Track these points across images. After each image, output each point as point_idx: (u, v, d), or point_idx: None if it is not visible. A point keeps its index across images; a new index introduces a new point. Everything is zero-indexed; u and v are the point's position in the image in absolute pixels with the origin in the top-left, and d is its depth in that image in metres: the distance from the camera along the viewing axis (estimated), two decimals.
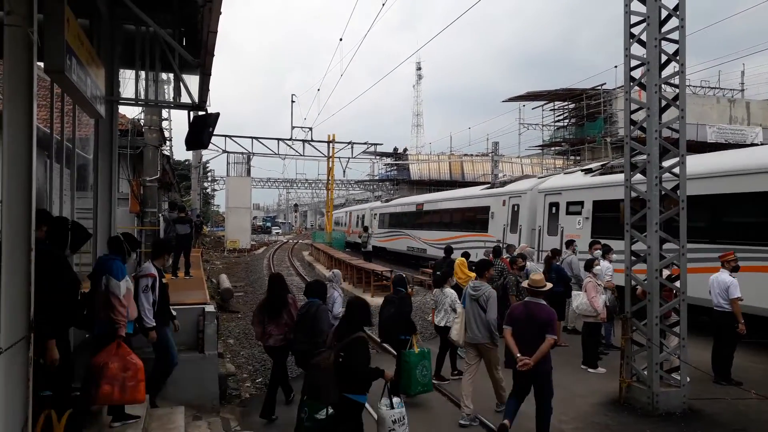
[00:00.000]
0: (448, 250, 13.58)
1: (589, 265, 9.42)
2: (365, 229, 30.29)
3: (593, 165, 17.50)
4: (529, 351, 5.74)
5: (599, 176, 14.97)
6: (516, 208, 18.40)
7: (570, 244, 12.11)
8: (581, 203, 15.00)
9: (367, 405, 5.17)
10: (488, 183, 25.56)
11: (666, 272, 7.72)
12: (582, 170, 16.72)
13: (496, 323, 6.77)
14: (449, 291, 8.31)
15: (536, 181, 18.68)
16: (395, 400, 5.20)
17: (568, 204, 15.61)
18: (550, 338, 5.73)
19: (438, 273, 9.35)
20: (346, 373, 4.77)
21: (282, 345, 7.10)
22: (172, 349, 6.70)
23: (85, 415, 5.15)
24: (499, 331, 6.70)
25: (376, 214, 36.67)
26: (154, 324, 6.28)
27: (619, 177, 13.11)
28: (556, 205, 16.14)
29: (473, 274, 8.27)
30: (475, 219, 21.45)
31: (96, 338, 5.39)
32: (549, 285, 6.16)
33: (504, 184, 21.36)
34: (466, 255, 12.71)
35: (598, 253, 10.53)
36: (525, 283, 6.33)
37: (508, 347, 5.95)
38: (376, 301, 16.76)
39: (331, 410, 4.70)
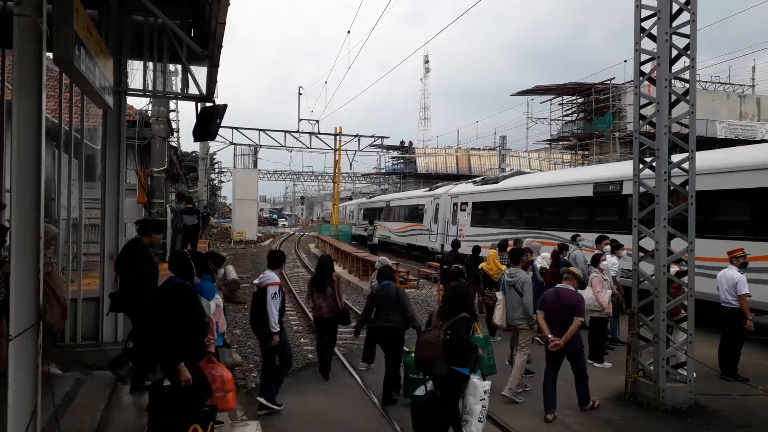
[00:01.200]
0: (456, 244, 13.59)
1: (596, 260, 9.38)
2: (371, 222, 30.54)
3: (479, 178, 28.60)
4: (559, 332, 6.53)
5: (479, 186, 23.74)
6: (437, 206, 26.42)
7: (575, 238, 12.06)
8: (467, 204, 23.34)
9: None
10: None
11: (674, 268, 7.69)
12: (472, 182, 25.82)
13: (532, 307, 7.34)
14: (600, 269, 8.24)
15: (449, 187, 27.08)
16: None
17: (461, 204, 23.89)
18: (578, 320, 6.53)
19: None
20: (454, 348, 5.35)
21: (331, 316, 8.25)
22: (290, 351, 7.43)
23: None
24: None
25: (361, 209, 43.66)
26: (278, 330, 6.72)
27: (490, 186, 22.01)
28: (456, 204, 24.38)
29: (503, 266, 9.54)
30: (416, 213, 29.86)
31: None
32: (580, 272, 7.26)
33: (433, 189, 29.85)
34: (502, 245, 12.43)
35: (607, 248, 10.43)
36: (561, 271, 7.30)
37: (540, 329, 6.86)
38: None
39: (429, 386, 5.55)
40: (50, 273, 5.73)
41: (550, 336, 6.59)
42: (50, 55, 4.87)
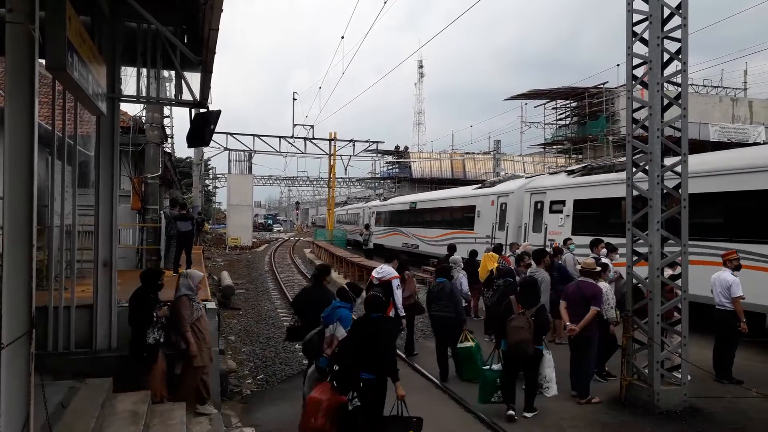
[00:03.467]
0: (452, 248, 13.64)
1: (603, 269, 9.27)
2: (366, 226, 30.18)
3: (575, 167, 18.78)
4: (578, 321, 7.25)
5: (580, 177, 16.00)
6: (504, 207, 19.51)
7: (566, 242, 12.11)
8: (563, 202, 16.06)
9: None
10: (476, 183, 26.86)
11: (668, 271, 7.71)
12: (565, 171, 17.90)
13: (548, 305, 8.07)
14: (603, 284, 7.87)
15: (523, 181, 19.68)
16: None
17: (552, 203, 16.65)
18: (594, 309, 7.19)
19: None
20: (540, 331, 6.68)
21: (408, 305, 9.26)
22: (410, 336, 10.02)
23: None
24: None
25: (373, 212, 37.52)
26: (404, 314, 8.87)
27: (599, 177, 15.20)
28: (541, 203, 17.16)
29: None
30: (462, 217, 22.91)
31: (320, 369, 6.00)
32: (599, 267, 7.86)
33: (493, 184, 22.55)
34: (497, 249, 12.72)
35: (603, 252, 10.39)
36: (579, 265, 8.12)
37: (562, 317, 7.73)
38: None
39: (498, 366, 6.88)
40: (200, 318, 6.68)
41: (568, 323, 7.42)
42: (43, 61, 4.86)
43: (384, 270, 8.87)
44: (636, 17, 7.31)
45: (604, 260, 10.03)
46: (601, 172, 15.49)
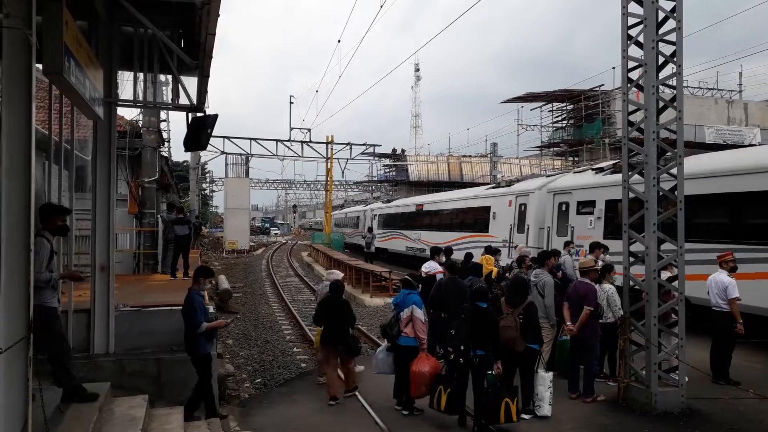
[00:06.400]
0: (448, 251, 13.60)
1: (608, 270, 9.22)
2: (369, 230, 29.81)
3: (604, 164, 16.98)
4: (576, 321, 7.44)
5: (611, 175, 14.32)
6: (523, 208, 18.03)
7: (567, 244, 12.13)
8: (593, 203, 14.59)
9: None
10: (489, 183, 25.70)
11: (665, 274, 7.73)
12: (592, 169, 16.37)
13: (553, 308, 8.13)
14: (607, 286, 7.90)
15: (544, 180, 18.37)
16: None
17: (579, 204, 15.22)
18: (586, 309, 7.30)
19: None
20: (527, 328, 6.74)
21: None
22: None
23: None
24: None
25: (375, 215, 36.29)
26: None
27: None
28: (566, 204, 15.78)
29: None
30: (476, 219, 21.38)
31: (399, 348, 7.17)
32: (596, 266, 7.99)
33: (510, 183, 21.11)
34: (491, 251, 12.93)
35: (602, 257, 10.32)
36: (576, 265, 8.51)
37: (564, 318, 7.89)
38: (374, 302, 16.77)
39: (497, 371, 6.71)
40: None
41: (568, 323, 7.64)
42: (40, 66, 4.87)
43: (430, 265, 10.46)
44: (631, 20, 7.35)
45: (599, 262, 10.04)
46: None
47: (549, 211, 16.54)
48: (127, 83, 8.79)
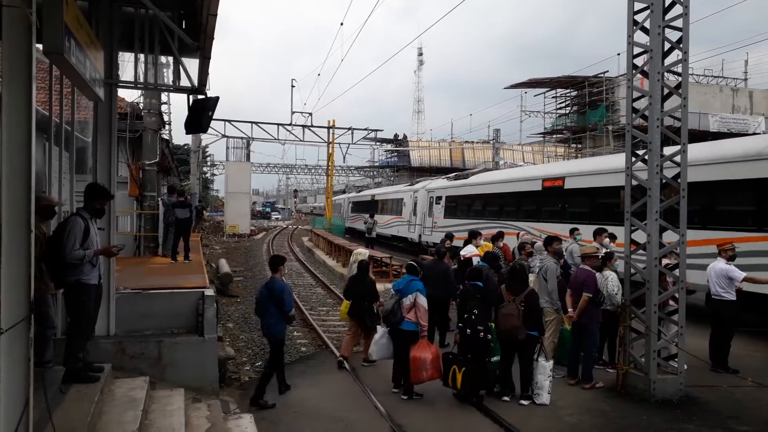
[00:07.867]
0: (449, 236, 13.59)
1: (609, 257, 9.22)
2: (371, 215, 29.98)
3: (452, 174, 27.87)
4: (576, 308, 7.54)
5: (452, 181, 24.85)
6: (415, 200, 27.88)
7: (573, 232, 12.03)
8: (441, 198, 24.37)
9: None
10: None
11: (665, 261, 7.73)
12: (446, 178, 26.77)
13: (557, 293, 8.06)
14: (608, 273, 7.86)
15: (427, 182, 28.44)
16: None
17: (437, 198, 24.88)
18: (585, 295, 7.36)
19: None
20: (531, 316, 6.85)
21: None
22: None
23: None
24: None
25: (350, 202, 46.00)
26: None
27: (463, 181, 23.41)
28: (432, 198, 25.47)
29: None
30: (397, 206, 31.35)
31: (399, 332, 7.22)
32: (598, 253, 8.04)
33: (412, 184, 31.13)
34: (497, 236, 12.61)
35: (606, 241, 10.28)
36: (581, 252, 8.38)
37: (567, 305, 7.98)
38: (378, 287, 16.73)
39: (497, 357, 7.13)
40: None
41: (570, 310, 7.74)
42: (40, 46, 4.82)
43: (468, 249, 11.03)
44: (637, 6, 7.26)
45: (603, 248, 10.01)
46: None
47: (426, 202, 26.33)
48: (127, 64, 8.75)
